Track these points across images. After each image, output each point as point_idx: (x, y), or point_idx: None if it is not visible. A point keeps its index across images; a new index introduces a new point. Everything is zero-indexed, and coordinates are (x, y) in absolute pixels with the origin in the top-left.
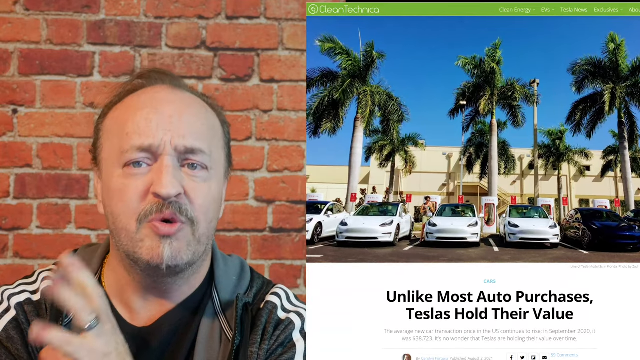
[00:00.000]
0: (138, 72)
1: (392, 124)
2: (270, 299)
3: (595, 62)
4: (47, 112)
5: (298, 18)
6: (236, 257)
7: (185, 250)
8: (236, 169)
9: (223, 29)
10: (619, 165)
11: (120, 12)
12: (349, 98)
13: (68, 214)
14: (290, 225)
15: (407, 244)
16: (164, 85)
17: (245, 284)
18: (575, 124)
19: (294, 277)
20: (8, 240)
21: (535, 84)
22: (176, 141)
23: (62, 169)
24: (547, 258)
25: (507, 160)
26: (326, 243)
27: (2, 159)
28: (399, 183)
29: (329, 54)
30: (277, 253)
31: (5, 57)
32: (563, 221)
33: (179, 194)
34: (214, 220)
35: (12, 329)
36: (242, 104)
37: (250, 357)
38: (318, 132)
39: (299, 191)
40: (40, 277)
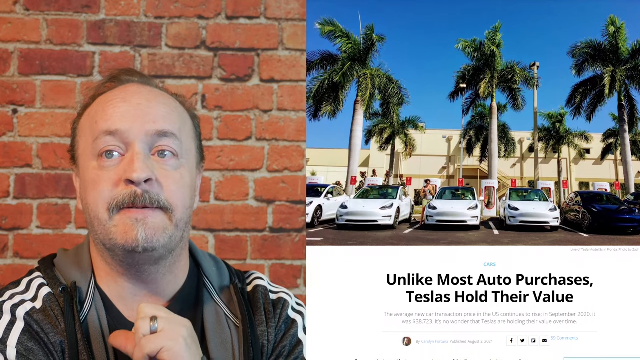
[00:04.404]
0: (109, 74)
1: (392, 107)
2: (259, 283)
3: (595, 45)
4: (47, 112)
5: (298, 18)
6: (202, 250)
7: (161, 233)
8: (236, 169)
9: (223, 29)
10: (619, 148)
11: (120, 12)
12: (349, 81)
13: (68, 214)
14: (290, 225)
15: (407, 227)
16: (133, 83)
17: (226, 273)
18: (575, 107)
19: (293, 277)
20: (8, 240)
21: (535, 67)
22: (147, 126)
23: (62, 169)
24: (547, 241)
25: (507, 143)
26: (326, 226)
27: (2, 159)
28: (399, 166)
29: (329, 36)
30: (277, 253)
31: (5, 57)
32: (563, 204)
33: (150, 180)
34: (190, 207)
35: (27, 341)
36: (242, 104)
37: (262, 336)
38: (318, 115)
39: (299, 191)
40: (34, 286)
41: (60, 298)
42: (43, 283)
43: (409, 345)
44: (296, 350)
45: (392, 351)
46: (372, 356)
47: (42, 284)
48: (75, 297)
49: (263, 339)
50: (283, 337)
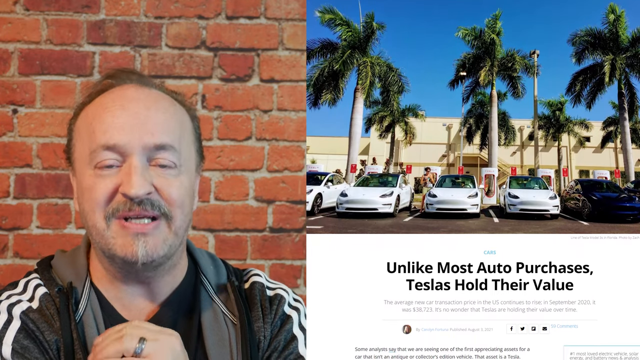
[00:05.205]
0: (106, 72)
1: (392, 95)
2: (256, 280)
3: (595, 33)
4: (47, 112)
5: (298, 18)
6: (200, 248)
7: (161, 245)
8: (236, 169)
9: (223, 29)
10: (619, 136)
11: (120, 12)
12: (349, 69)
13: (68, 214)
14: (290, 225)
15: (407, 215)
16: (131, 84)
17: (223, 271)
18: (575, 95)
19: (294, 277)
20: (8, 240)
21: (535, 55)
22: (145, 139)
23: (62, 169)
24: (547, 229)
25: (507, 131)
26: (326, 214)
27: (2, 159)
28: (399, 154)
29: (329, 25)
30: (277, 253)
31: (5, 57)
32: (563, 192)
33: (150, 193)
34: (189, 213)
35: (23, 339)
36: (242, 104)
37: (258, 332)
38: (318, 103)
39: (299, 191)
40: (31, 286)
41: (56, 298)
42: (40, 284)
43: (409, 333)
44: (290, 346)
45: (392, 339)
46: (372, 344)
47: (39, 284)
48: (71, 297)
49: (259, 334)
50: (278, 332)
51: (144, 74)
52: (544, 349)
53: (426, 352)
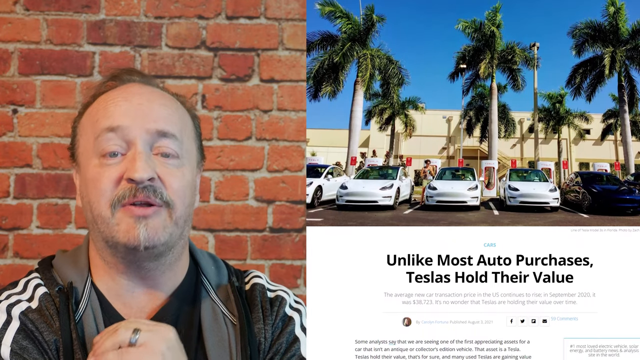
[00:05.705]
0: (110, 73)
1: (392, 88)
2: (257, 281)
3: (595, 25)
4: (47, 112)
5: (298, 18)
6: (201, 249)
7: (161, 231)
8: (236, 169)
9: (223, 29)
10: (619, 128)
11: (120, 12)
12: (349, 61)
13: (68, 214)
14: (290, 225)
15: (407, 208)
16: (135, 82)
17: (224, 271)
18: (575, 88)
19: (294, 277)
20: (8, 240)
21: (535, 47)
22: (148, 125)
23: (62, 169)
24: (547, 221)
25: (507, 123)
26: (326, 206)
27: (2, 159)
28: (399, 146)
29: (329, 17)
30: (277, 253)
31: (5, 57)
32: (563, 185)
33: (153, 179)
34: (190, 205)
35: (22, 339)
36: (242, 104)
37: (258, 333)
38: (318, 95)
39: (299, 191)
40: (30, 286)
41: (56, 298)
42: (40, 283)
43: (409, 326)
44: (293, 347)
45: (392, 332)
46: (372, 336)
47: (39, 284)
48: (71, 297)
49: (260, 336)
50: (280, 334)
51: (147, 75)
52: (544, 341)
53: (426, 345)
